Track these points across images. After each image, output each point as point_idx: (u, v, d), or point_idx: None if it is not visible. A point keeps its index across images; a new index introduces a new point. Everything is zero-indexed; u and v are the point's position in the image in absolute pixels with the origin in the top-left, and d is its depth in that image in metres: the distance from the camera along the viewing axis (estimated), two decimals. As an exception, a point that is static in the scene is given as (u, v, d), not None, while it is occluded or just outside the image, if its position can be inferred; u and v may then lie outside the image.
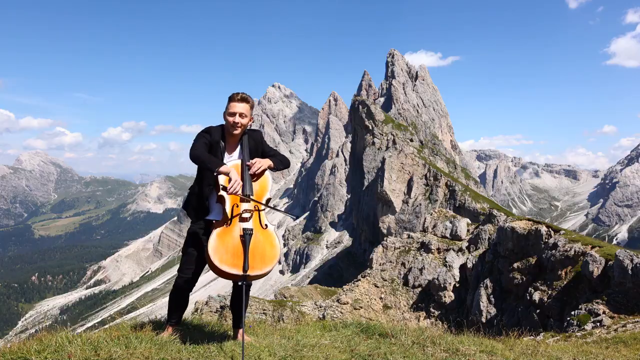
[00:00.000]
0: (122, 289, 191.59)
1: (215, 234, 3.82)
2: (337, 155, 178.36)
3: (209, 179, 4.13)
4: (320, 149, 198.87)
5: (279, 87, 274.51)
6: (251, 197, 3.97)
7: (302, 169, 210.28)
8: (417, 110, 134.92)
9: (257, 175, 4.12)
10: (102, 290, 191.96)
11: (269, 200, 4.16)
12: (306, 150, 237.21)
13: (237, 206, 3.93)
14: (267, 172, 4.21)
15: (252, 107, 4.27)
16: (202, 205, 4.22)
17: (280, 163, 4.34)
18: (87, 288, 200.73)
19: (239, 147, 4.33)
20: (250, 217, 3.92)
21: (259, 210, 4.02)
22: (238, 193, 3.85)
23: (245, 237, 3.79)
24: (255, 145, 4.37)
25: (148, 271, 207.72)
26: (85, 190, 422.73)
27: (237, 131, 4.22)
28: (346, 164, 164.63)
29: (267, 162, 4.17)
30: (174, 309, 4.37)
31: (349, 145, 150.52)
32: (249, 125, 4.41)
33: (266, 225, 3.99)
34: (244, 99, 4.19)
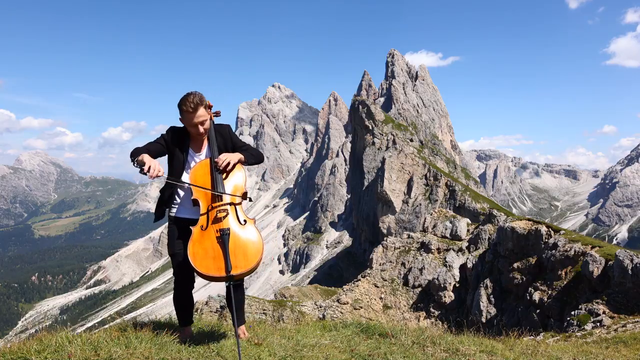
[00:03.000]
0: (122, 289, 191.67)
1: (192, 240, 3.75)
2: (337, 155, 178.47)
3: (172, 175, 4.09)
4: (320, 149, 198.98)
5: (279, 87, 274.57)
6: (225, 193, 3.90)
7: (302, 169, 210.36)
8: (417, 110, 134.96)
9: (227, 172, 4.02)
10: (102, 290, 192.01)
11: (245, 194, 4.05)
12: (306, 150, 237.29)
13: (212, 208, 3.86)
14: (239, 167, 4.11)
15: (206, 106, 4.07)
16: (168, 204, 4.18)
17: (252, 157, 4.22)
18: (87, 288, 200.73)
19: (207, 144, 4.23)
20: (225, 217, 3.83)
21: (235, 207, 3.92)
22: (160, 174, 3.74)
23: (223, 237, 3.70)
24: (223, 140, 4.25)
25: (148, 271, 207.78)
26: (85, 190, 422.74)
27: (203, 135, 4.14)
28: (346, 164, 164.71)
29: (236, 157, 4.05)
30: (180, 310, 4.34)
31: (349, 145, 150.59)
32: (215, 119, 4.30)
33: (245, 221, 3.88)
34: (197, 105, 3.96)
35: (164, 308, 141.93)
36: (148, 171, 3.70)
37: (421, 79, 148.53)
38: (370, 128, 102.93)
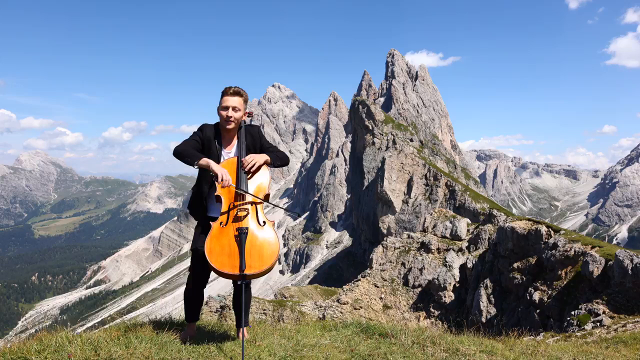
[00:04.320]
0: (122, 289, 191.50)
1: (210, 235, 3.79)
2: (337, 155, 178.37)
3: (207, 178, 4.11)
4: (320, 149, 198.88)
5: (279, 87, 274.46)
6: (247, 193, 3.94)
7: (302, 169, 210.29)
8: (417, 110, 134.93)
9: (252, 172, 4.07)
10: (102, 290, 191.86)
11: (267, 196, 4.09)
12: (306, 150, 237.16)
13: (233, 206, 3.90)
14: (265, 168, 4.15)
15: (245, 101, 4.19)
16: (201, 203, 4.23)
17: (278, 159, 4.27)
18: (87, 288, 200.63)
19: (235, 143, 4.28)
20: (245, 216, 3.87)
21: (256, 208, 3.97)
22: (230, 184, 3.82)
23: (241, 236, 3.74)
24: (252, 140, 4.31)
25: (148, 271, 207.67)
26: (85, 190, 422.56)
27: (231, 125, 4.16)
28: (346, 164, 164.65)
29: (262, 158, 4.11)
30: (189, 306, 4.34)
31: (349, 145, 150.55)
32: (247, 120, 4.36)
33: (264, 222, 3.92)
34: (237, 93, 4.14)
35: (164, 308, 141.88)
36: (220, 180, 3.79)
37: (421, 79, 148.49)
38: (370, 128, 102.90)
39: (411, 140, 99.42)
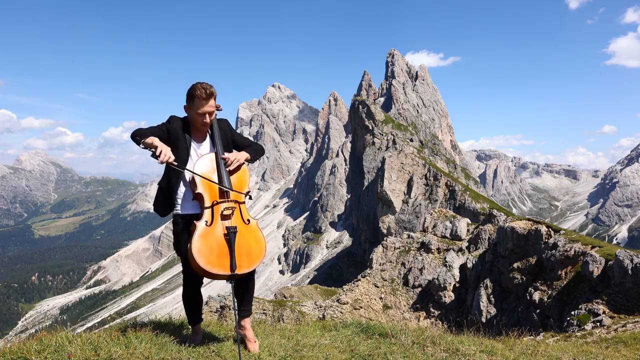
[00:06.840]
0: (122, 289, 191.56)
1: (197, 235, 3.63)
2: (337, 155, 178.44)
3: (175, 172, 3.90)
4: (320, 149, 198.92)
5: (279, 87, 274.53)
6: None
7: (302, 169, 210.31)
8: (417, 110, 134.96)
9: (233, 170, 3.95)
10: (102, 290, 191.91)
11: (248, 193, 3.99)
12: (306, 150, 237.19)
13: (217, 204, 3.76)
14: (244, 165, 4.06)
15: (215, 99, 3.97)
16: (169, 199, 3.98)
17: (256, 152, 4.18)
18: (87, 288, 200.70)
19: (207, 137, 4.12)
20: (231, 214, 3.76)
21: (240, 205, 3.86)
22: (170, 160, 3.57)
23: (230, 235, 3.65)
24: (224, 135, 4.16)
25: (148, 271, 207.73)
26: (85, 190, 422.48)
27: (207, 127, 4.02)
28: (346, 164, 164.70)
29: (243, 156, 4.01)
30: (189, 308, 4.26)
31: (349, 145, 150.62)
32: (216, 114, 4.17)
33: (249, 220, 3.83)
34: (211, 94, 3.87)
35: (164, 308, 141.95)
36: (159, 155, 3.53)
37: (421, 79, 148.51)
38: (370, 128, 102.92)
39: (411, 140, 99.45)
